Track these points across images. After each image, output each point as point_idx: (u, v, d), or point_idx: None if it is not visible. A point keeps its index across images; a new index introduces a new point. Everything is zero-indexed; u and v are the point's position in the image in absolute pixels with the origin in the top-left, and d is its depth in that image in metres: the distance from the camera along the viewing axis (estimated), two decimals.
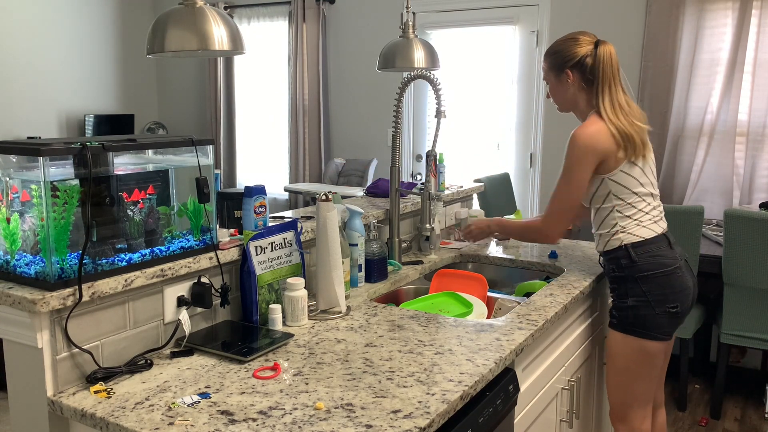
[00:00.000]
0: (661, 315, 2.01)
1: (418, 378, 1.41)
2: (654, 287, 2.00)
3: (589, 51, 2.04)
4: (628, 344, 2.05)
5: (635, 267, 2.01)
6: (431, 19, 5.04)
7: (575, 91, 2.08)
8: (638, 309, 2.02)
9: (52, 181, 1.31)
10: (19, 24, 5.40)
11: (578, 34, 2.09)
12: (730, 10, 3.98)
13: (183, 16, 1.55)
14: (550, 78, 2.13)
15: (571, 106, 2.14)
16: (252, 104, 6.02)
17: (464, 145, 5.07)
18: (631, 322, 2.03)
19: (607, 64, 2.02)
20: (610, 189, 2.03)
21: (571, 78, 2.07)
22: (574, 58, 2.05)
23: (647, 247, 2.02)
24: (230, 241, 1.73)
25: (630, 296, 2.03)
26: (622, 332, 2.06)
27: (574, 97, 2.10)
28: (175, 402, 1.30)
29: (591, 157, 1.98)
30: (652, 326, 2.01)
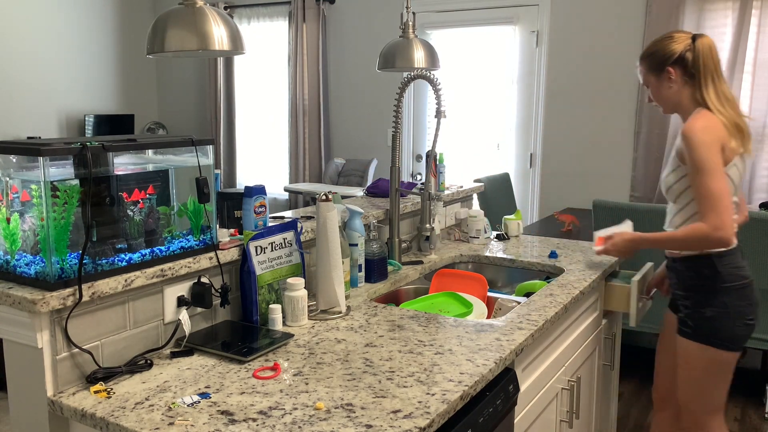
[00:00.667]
0: (740, 327, 1.99)
1: (418, 378, 1.41)
2: (734, 299, 1.98)
3: (687, 46, 2.01)
4: (706, 355, 2.02)
5: (718, 278, 1.97)
6: (431, 19, 5.04)
7: (678, 87, 2.04)
8: (718, 320, 1.98)
9: (52, 181, 1.31)
10: (20, 24, 5.40)
11: (672, 32, 2.07)
12: (730, 10, 3.98)
13: (183, 16, 1.55)
14: (650, 80, 2.10)
15: (674, 105, 2.09)
16: (252, 104, 6.03)
17: (464, 145, 5.07)
18: (709, 333, 2.00)
19: (708, 56, 1.99)
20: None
21: (673, 74, 2.03)
22: (674, 54, 2.02)
23: (730, 258, 1.98)
24: (230, 241, 1.73)
25: (709, 306, 1.99)
26: (698, 342, 2.02)
27: (677, 95, 2.05)
28: (175, 402, 1.30)
29: (716, 142, 1.91)
30: (730, 338, 1.99)
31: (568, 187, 4.74)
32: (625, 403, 3.47)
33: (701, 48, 1.99)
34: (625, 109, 4.48)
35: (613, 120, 4.53)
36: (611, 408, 2.69)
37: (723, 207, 1.90)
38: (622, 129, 4.51)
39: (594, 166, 4.63)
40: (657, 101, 2.13)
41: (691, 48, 2.00)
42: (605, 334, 2.47)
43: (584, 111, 4.62)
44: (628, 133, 4.49)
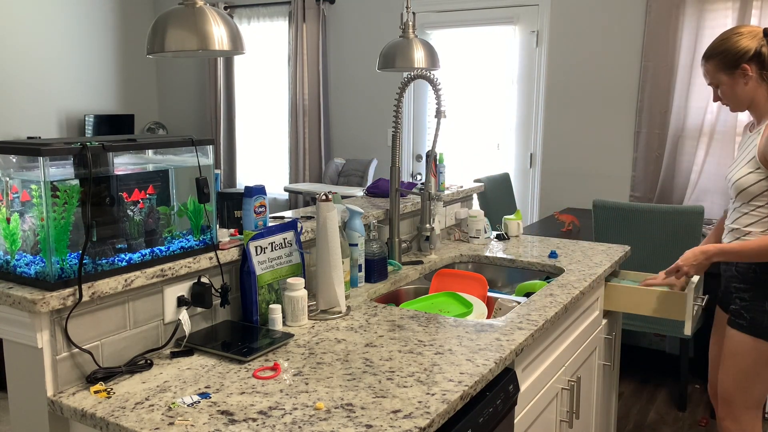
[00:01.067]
0: None
1: (418, 378, 1.41)
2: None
3: (762, 41, 1.97)
4: (758, 348, 2.03)
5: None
6: (431, 19, 5.04)
7: (754, 84, 2.01)
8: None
9: (52, 181, 1.32)
10: (20, 24, 5.41)
11: (739, 28, 2.03)
12: (730, 10, 3.98)
13: (183, 16, 1.55)
14: (721, 79, 2.05)
15: (748, 103, 2.06)
16: (252, 104, 6.03)
17: (464, 145, 5.07)
18: (766, 327, 2.01)
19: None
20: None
21: (750, 71, 1.99)
22: (749, 52, 1.98)
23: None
24: (230, 241, 1.73)
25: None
26: (753, 335, 2.03)
27: (752, 92, 2.02)
28: (175, 402, 1.30)
29: None
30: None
31: (568, 187, 4.74)
32: (625, 403, 3.47)
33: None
34: (625, 109, 4.48)
35: (613, 120, 4.53)
36: (611, 408, 2.69)
37: None
38: (622, 129, 4.51)
39: (594, 166, 4.63)
40: (728, 100, 2.08)
41: (766, 43, 1.97)
42: (605, 334, 2.47)
43: (584, 111, 4.62)
44: (628, 133, 4.49)
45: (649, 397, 3.53)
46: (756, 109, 2.06)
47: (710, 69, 2.07)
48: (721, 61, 2.03)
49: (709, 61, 2.07)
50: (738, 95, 2.04)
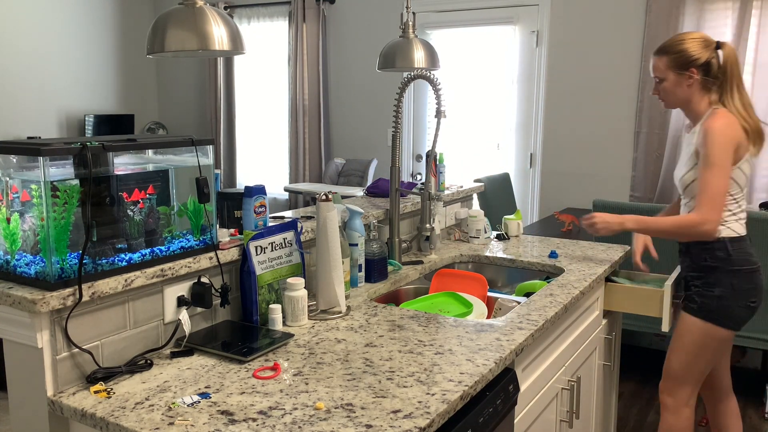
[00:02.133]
0: (742, 308, 2.15)
1: (418, 378, 1.41)
2: (742, 281, 2.14)
3: (712, 52, 2.12)
4: (703, 329, 2.18)
5: (729, 260, 2.13)
6: (431, 19, 5.04)
7: (694, 89, 2.16)
8: (723, 299, 2.15)
9: (52, 181, 1.31)
10: (20, 24, 5.41)
11: (695, 33, 2.17)
12: (730, 10, 3.98)
13: (183, 16, 1.55)
14: (668, 75, 2.18)
15: (682, 103, 2.21)
16: (252, 104, 6.03)
17: (464, 145, 5.07)
18: (713, 310, 2.16)
19: (734, 64, 2.11)
20: None
21: (695, 75, 2.13)
22: (700, 59, 2.12)
23: (741, 243, 2.16)
24: (230, 241, 1.73)
25: (717, 286, 2.15)
26: (701, 318, 2.18)
27: (689, 95, 2.17)
28: (175, 402, 1.30)
29: (730, 144, 2.05)
30: (731, 317, 2.15)
31: (568, 187, 4.74)
32: (625, 403, 3.47)
33: (728, 56, 2.11)
34: (625, 109, 4.48)
35: (613, 120, 4.53)
36: (611, 408, 2.69)
37: (717, 203, 2.06)
38: (622, 129, 4.51)
39: (594, 166, 4.63)
40: (665, 96, 2.22)
41: (716, 55, 2.12)
42: (605, 334, 2.47)
43: (584, 111, 4.62)
44: (628, 133, 4.49)
45: (649, 397, 3.53)
46: (691, 111, 2.21)
47: (661, 63, 2.19)
48: (674, 59, 2.16)
49: (661, 55, 2.19)
50: (677, 94, 2.19)
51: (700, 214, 2.08)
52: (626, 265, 3.17)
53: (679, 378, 2.26)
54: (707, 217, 2.07)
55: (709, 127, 2.07)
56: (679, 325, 2.25)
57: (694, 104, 2.18)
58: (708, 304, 2.17)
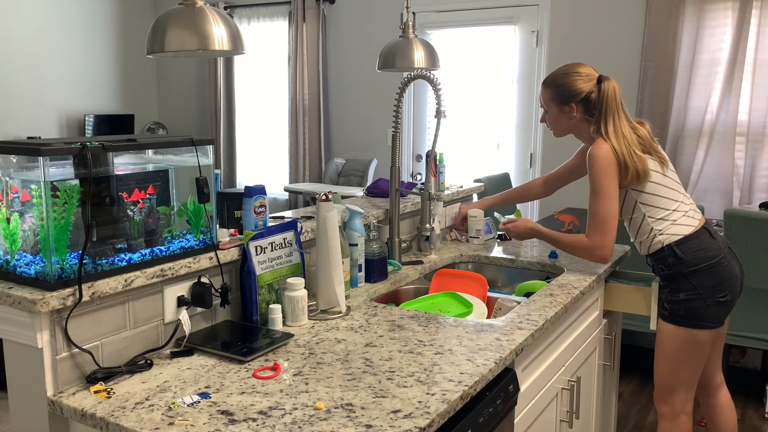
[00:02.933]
0: (712, 305, 2.14)
1: (418, 378, 1.41)
2: (703, 280, 2.13)
3: (593, 87, 2.18)
4: (680, 335, 2.18)
5: (683, 263, 2.14)
6: (431, 19, 5.04)
7: (577, 122, 2.23)
8: (690, 302, 2.14)
9: (52, 181, 1.31)
10: (20, 24, 5.41)
11: (579, 68, 2.22)
12: (730, 10, 3.98)
13: (183, 16, 1.55)
14: (551, 107, 2.25)
15: (566, 133, 2.30)
16: (252, 104, 6.03)
17: (464, 145, 5.07)
18: (683, 314, 2.16)
19: (611, 98, 2.16)
20: (635, 199, 2.17)
21: (575, 111, 2.20)
22: (580, 94, 2.18)
23: (690, 242, 2.14)
24: (230, 241, 1.73)
25: (681, 291, 2.15)
26: (674, 324, 2.18)
27: (574, 127, 2.26)
28: (175, 402, 1.30)
29: (612, 168, 2.11)
30: (703, 317, 2.14)
31: (568, 187, 4.73)
32: (625, 403, 3.47)
33: (606, 91, 2.16)
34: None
35: None
36: (611, 408, 2.69)
37: (607, 229, 2.13)
38: None
39: None
40: (551, 125, 2.30)
41: (596, 90, 2.17)
42: (605, 334, 2.47)
43: None
44: None
45: (649, 397, 3.53)
46: (581, 137, 2.30)
47: (545, 96, 2.27)
48: (555, 93, 2.23)
49: (546, 88, 2.26)
50: (559, 125, 2.28)
51: (592, 241, 2.15)
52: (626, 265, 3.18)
53: (669, 386, 2.25)
54: (596, 243, 2.14)
55: (590, 155, 2.13)
56: (658, 335, 2.25)
57: (581, 134, 2.26)
58: (677, 310, 2.16)
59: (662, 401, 2.29)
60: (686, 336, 2.16)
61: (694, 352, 2.18)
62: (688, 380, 2.23)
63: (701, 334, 2.15)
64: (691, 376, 2.23)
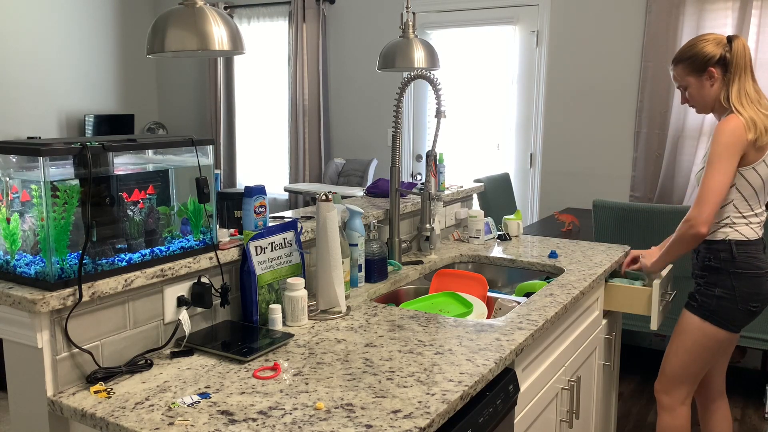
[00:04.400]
0: (742, 311, 2.17)
1: (418, 378, 1.41)
2: (743, 285, 2.16)
3: (725, 48, 2.12)
4: (703, 329, 2.20)
5: (733, 263, 2.16)
6: (431, 19, 5.04)
7: (719, 87, 2.15)
8: (723, 300, 2.17)
9: (52, 181, 1.32)
10: (20, 24, 5.41)
11: (705, 35, 2.18)
12: (730, 11, 3.98)
13: (183, 16, 1.55)
14: (690, 82, 2.19)
15: (713, 104, 2.20)
16: (252, 104, 6.03)
17: (464, 145, 5.07)
18: (713, 311, 2.19)
19: (741, 57, 2.10)
20: (735, 182, 2.12)
21: (716, 74, 2.14)
22: (715, 56, 2.13)
23: (748, 247, 2.16)
24: (230, 241, 1.73)
25: (719, 287, 2.18)
26: (700, 317, 2.21)
27: (717, 94, 2.16)
28: (175, 402, 1.30)
29: (738, 146, 2.05)
30: (731, 318, 2.17)
31: (568, 187, 4.74)
32: (625, 403, 3.47)
33: (737, 49, 2.11)
34: (625, 109, 4.48)
35: (613, 120, 4.53)
36: (611, 408, 2.69)
37: (707, 201, 2.06)
38: (622, 129, 4.51)
39: (594, 166, 4.63)
40: (695, 101, 2.22)
41: (729, 49, 2.12)
42: (605, 334, 2.47)
43: (584, 111, 4.62)
44: (628, 133, 4.49)
45: (649, 397, 3.53)
46: (718, 111, 2.21)
47: (680, 72, 2.22)
48: (690, 64, 2.18)
49: (678, 65, 2.22)
50: (704, 96, 2.19)
51: (688, 216, 2.10)
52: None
53: (676, 376, 2.29)
54: (692, 217, 2.08)
55: (718, 128, 2.09)
56: (679, 323, 2.28)
57: (719, 104, 2.17)
58: (708, 304, 2.19)
59: (664, 391, 2.32)
60: (708, 332, 2.19)
61: (709, 349, 2.21)
62: (695, 374, 2.27)
63: (722, 334, 2.18)
64: (699, 372, 2.26)
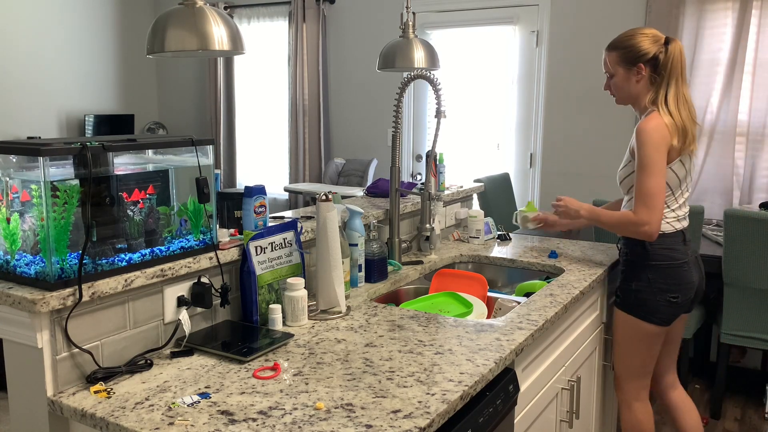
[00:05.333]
0: (661, 302, 2.18)
1: (418, 378, 1.41)
2: (659, 276, 2.17)
3: (661, 48, 2.14)
4: (628, 323, 2.24)
5: (647, 255, 2.18)
6: (431, 19, 5.04)
7: (644, 84, 2.18)
8: (640, 293, 2.19)
9: (52, 181, 1.31)
10: (20, 24, 5.41)
11: (645, 29, 2.19)
12: (730, 11, 3.98)
13: (183, 16, 1.55)
14: (618, 71, 2.22)
15: (632, 99, 2.23)
16: (252, 104, 6.02)
17: (464, 145, 5.07)
18: (632, 304, 2.21)
19: (677, 60, 2.13)
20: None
21: (643, 71, 2.16)
22: (649, 53, 2.14)
23: (662, 240, 2.17)
24: (230, 241, 1.73)
25: (635, 281, 2.20)
26: (626, 312, 2.24)
27: (638, 91, 2.20)
28: (175, 402, 1.30)
29: (663, 144, 2.08)
30: (651, 311, 2.19)
31: (568, 187, 4.74)
32: None
33: (673, 52, 2.13)
34: (625, 109, 4.48)
35: (613, 120, 4.53)
36: (611, 408, 2.69)
37: (654, 204, 2.09)
38: (622, 129, 4.51)
39: (594, 166, 4.63)
40: (617, 91, 2.26)
41: (664, 50, 2.13)
42: (605, 334, 2.47)
43: (584, 111, 4.62)
44: (628, 133, 4.49)
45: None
46: (637, 106, 2.24)
47: (612, 59, 2.23)
48: (623, 55, 2.19)
49: (612, 52, 2.23)
50: (626, 89, 2.22)
51: (638, 216, 2.12)
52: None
53: (622, 373, 2.31)
54: (644, 219, 2.11)
55: (641, 129, 2.10)
56: (613, 321, 2.32)
57: (640, 101, 2.21)
58: (626, 298, 2.22)
59: (617, 388, 2.36)
60: (634, 325, 2.22)
61: (641, 342, 2.23)
62: (638, 369, 2.28)
63: (648, 327, 2.20)
64: (641, 365, 2.27)
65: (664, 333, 2.24)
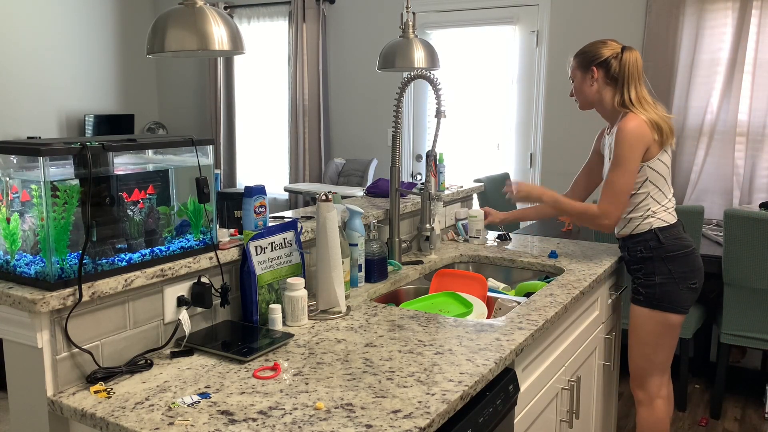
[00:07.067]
0: (684, 290, 2.27)
1: (418, 378, 1.41)
2: (678, 266, 2.26)
3: (615, 53, 2.25)
4: (654, 318, 2.29)
5: (663, 248, 2.26)
6: (431, 19, 5.04)
7: (599, 87, 2.29)
8: (665, 286, 2.26)
9: (52, 181, 1.32)
10: (19, 24, 5.41)
11: (607, 39, 2.32)
12: (730, 11, 3.98)
13: (183, 16, 1.55)
14: (576, 75, 2.35)
15: (593, 103, 2.35)
16: (252, 104, 6.02)
17: (464, 145, 5.07)
18: (659, 298, 2.27)
19: (633, 66, 2.24)
20: (647, 176, 2.24)
21: (596, 74, 2.28)
22: (601, 57, 2.27)
23: (672, 230, 2.27)
24: (230, 241, 1.73)
25: (657, 274, 2.27)
26: (649, 307, 2.29)
27: (598, 94, 2.31)
28: (175, 402, 1.30)
29: (641, 145, 2.18)
30: (677, 300, 2.26)
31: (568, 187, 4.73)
32: (625, 403, 3.47)
33: (627, 58, 2.24)
34: None
35: None
36: (611, 408, 2.69)
37: (620, 201, 2.21)
38: None
39: None
40: (577, 95, 2.38)
41: (618, 57, 2.25)
42: (605, 334, 2.47)
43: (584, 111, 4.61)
44: None
45: None
46: (603, 111, 2.36)
47: (573, 65, 2.38)
48: (581, 60, 2.33)
49: (574, 58, 2.37)
50: (583, 92, 2.34)
51: (601, 209, 2.21)
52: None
53: (644, 371, 2.35)
54: (607, 212, 2.20)
55: (620, 128, 2.19)
56: (632, 319, 2.34)
57: (603, 104, 2.31)
58: (653, 293, 2.27)
59: (638, 387, 2.38)
60: (660, 319, 2.27)
61: (667, 335, 2.30)
62: (662, 364, 2.34)
63: (673, 318, 2.27)
64: (665, 359, 2.33)
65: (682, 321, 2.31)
